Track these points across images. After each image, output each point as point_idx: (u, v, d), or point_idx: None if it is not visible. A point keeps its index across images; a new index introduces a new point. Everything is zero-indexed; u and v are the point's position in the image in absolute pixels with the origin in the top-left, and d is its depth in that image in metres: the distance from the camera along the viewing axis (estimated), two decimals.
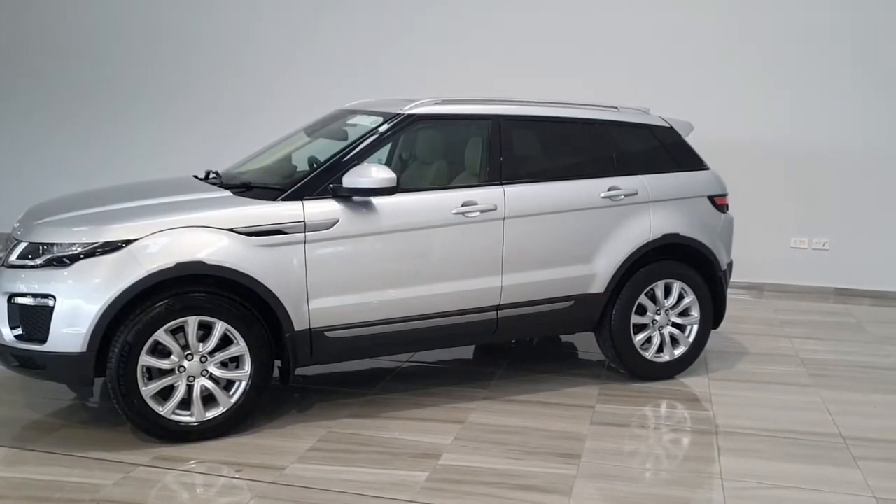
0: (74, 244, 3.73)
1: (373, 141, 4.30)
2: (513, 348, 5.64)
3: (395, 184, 4.05)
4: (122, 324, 3.70)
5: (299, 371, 4.81)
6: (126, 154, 8.98)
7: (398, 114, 4.41)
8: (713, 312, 5.09)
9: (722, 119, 7.46)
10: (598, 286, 4.71)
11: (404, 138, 4.63)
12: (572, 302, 4.66)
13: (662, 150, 5.03)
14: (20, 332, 3.74)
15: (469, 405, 4.48)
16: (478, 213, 4.36)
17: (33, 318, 3.70)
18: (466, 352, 5.52)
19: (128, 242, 3.72)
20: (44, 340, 3.66)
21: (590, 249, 4.68)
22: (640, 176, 4.86)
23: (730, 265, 5.26)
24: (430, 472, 3.63)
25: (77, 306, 3.64)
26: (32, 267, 3.75)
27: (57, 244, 3.76)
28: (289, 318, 3.97)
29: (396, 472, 3.62)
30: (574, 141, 4.83)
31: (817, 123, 7.51)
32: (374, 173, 4.03)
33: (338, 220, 4.05)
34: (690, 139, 5.21)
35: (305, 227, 3.99)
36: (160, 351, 3.79)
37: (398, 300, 4.22)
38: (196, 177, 4.72)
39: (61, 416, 4.20)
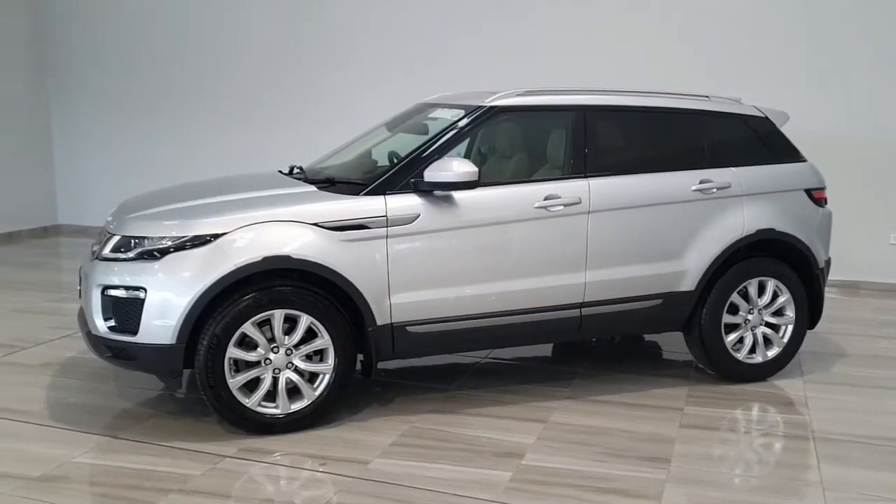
0: (165, 238, 3.80)
1: (454, 134, 4.25)
2: (594, 347, 5.51)
3: (476, 177, 3.98)
4: (210, 316, 3.75)
5: (379, 365, 4.82)
6: (213, 151, 9.18)
7: (480, 106, 4.35)
8: (809, 312, 4.85)
9: (817, 109, 7.11)
10: (688, 284, 4.54)
11: (486, 131, 4.55)
12: (660, 300, 4.51)
13: (757, 141, 4.81)
14: (113, 324, 3.83)
15: (551, 404, 4.38)
16: (561, 207, 4.25)
17: (125, 310, 3.79)
18: (545, 349, 5.41)
19: (216, 236, 3.77)
20: (135, 332, 3.75)
21: (679, 245, 4.52)
22: (733, 168, 4.66)
23: (828, 262, 5.00)
24: (514, 471, 3.56)
25: (167, 299, 3.71)
26: (124, 260, 3.85)
27: (148, 238, 3.83)
28: (371, 312, 3.95)
29: (480, 471, 3.56)
30: (663, 132, 4.67)
31: None
32: (455, 167, 3.97)
33: (419, 215, 4.02)
34: (785, 130, 4.97)
35: (388, 222, 3.97)
36: (247, 343, 3.83)
37: (479, 296, 4.16)
38: (281, 172, 4.76)
39: (150, 406, 4.30)
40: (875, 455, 3.81)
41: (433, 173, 3.99)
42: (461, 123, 4.30)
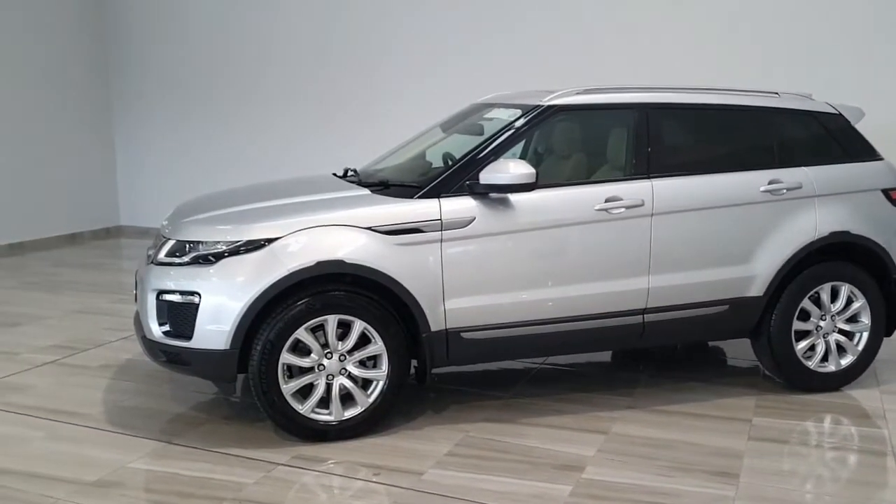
0: (219, 242, 3.77)
1: (510, 135, 4.13)
2: (655, 353, 5.32)
3: (534, 179, 3.85)
4: (264, 321, 3.70)
5: (433, 371, 4.73)
6: (273, 152, 9.21)
7: (537, 105, 4.21)
8: (886, 319, 4.59)
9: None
10: (757, 289, 4.33)
11: (543, 131, 4.41)
12: (727, 306, 4.31)
13: (829, 139, 4.57)
14: (167, 329, 3.82)
15: (612, 414, 4.23)
16: (622, 210, 4.09)
17: (180, 315, 3.77)
18: (605, 354, 5.24)
19: (270, 241, 3.72)
20: (189, 337, 3.72)
21: (747, 249, 4.31)
22: (804, 168, 4.44)
23: None
24: (574, 485, 3.42)
25: (221, 304, 3.68)
26: (179, 264, 3.83)
27: (202, 242, 3.81)
28: (425, 317, 3.86)
29: (538, 484, 3.44)
30: (730, 130, 4.47)
31: None
32: (511, 169, 3.85)
33: (474, 218, 3.91)
34: (861, 127, 4.71)
35: (442, 226, 3.87)
36: (300, 349, 3.78)
37: (537, 301, 4.03)
38: (335, 175, 4.70)
39: (205, 411, 4.28)
40: None
41: (489, 175, 3.88)
42: (518, 124, 4.17)
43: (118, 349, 5.32)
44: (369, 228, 3.80)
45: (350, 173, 4.66)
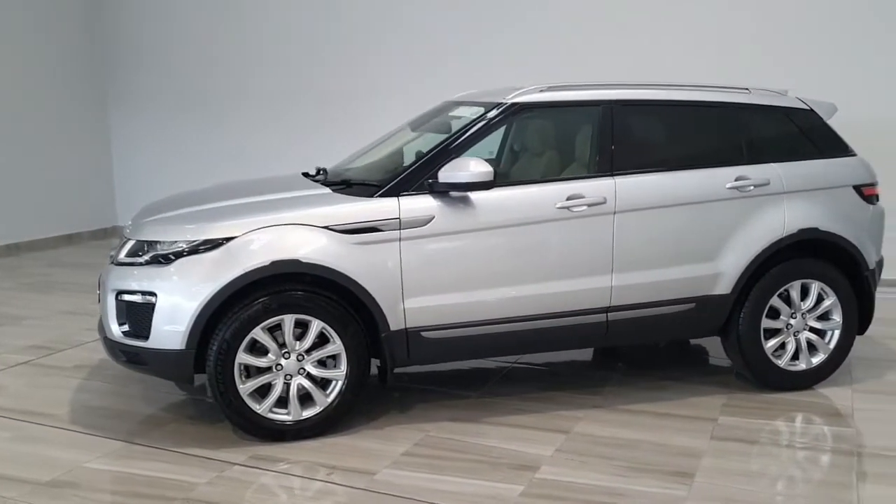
0: (176, 242, 3.77)
1: (472, 133, 4.11)
2: (636, 351, 5.28)
3: (491, 178, 3.84)
4: (220, 321, 3.70)
5: (402, 370, 4.73)
6: (268, 152, 9.21)
7: (500, 103, 4.19)
8: (859, 316, 4.53)
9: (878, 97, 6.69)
10: (724, 287, 4.29)
11: (507, 129, 4.39)
12: (693, 304, 4.27)
13: (801, 135, 4.52)
14: (126, 329, 3.83)
15: (577, 413, 4.20)
16: (584, 208, 4.06)
17: (137, 315, 3.78)
18: (584, 354, 5.21)
19: (226, 241, 3.72)
20: (147, 337, 3.73)
21: (714, 246, 4.27)
22: (773, 164, 4.39)
23: (880, 263, 4.66)
24: (526, 485, 3.40)
25: (177, 304, 3.68)
26: (138, 264, 3.84)
27: (160, 242, 3.82)
28: (384, 317, 3.85)
29: (490, 485, 3.42)
30: (696, 127, 4.43)
31: None
32: (470, 167, 3.83)
33: (433, 217, 3.89)
34: (838, 123, 4.65)
35: (400, 225, 3.86)
36: (258, 349, 3.78)
37: (498, 300, 4.01)
38: (305, 174, 4.69)
39: (172, 411, 4.29)
40: None
41: (447, 174, 3.87)
42: (479, 122, 4.15)
43: (94, 350, 5.33)
44: (326, 227, 3.79)
45: (320, 172, 4.65)
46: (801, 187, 4.40)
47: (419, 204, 3.91)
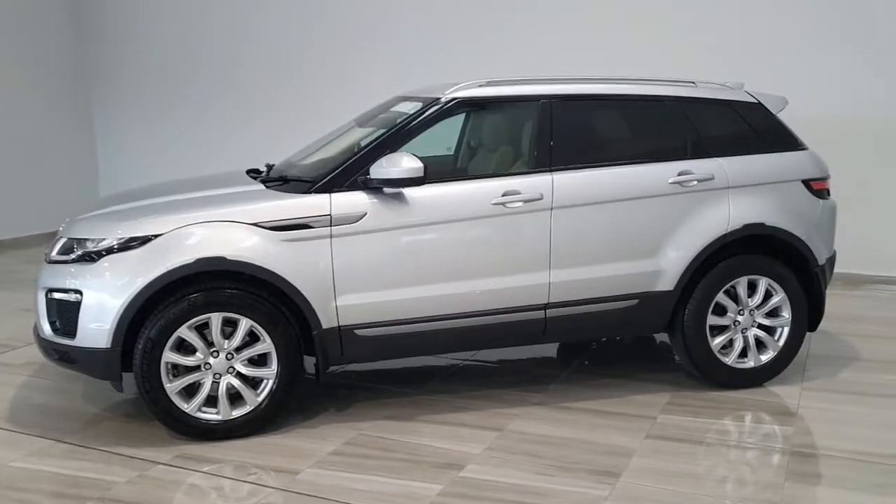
0: (104, 239, 3.74)
1: (406, 129, 4.05)
2: (598, 347, 5.21)
3: (422, 174, 3.79)
4: (147, 320, 3.67)
5: (349, 368, 4.70)
6: (256, 150, 9.13)
7: (437, 99, 4.14)
8: (809, 313, 4.45)
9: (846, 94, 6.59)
10: (667, 283, 4.22)
11: (445, 125, 4.32)
12: (636, 301, 4.21)
13: (748, 129, 4.44)
14: (56, 327, 3.81)
15: (515, 411, 4.15)
16: (520, 204, 4.01)
17: (65, 313, 3.76)
18: (541, 349, 5.12)
19: (152, 238, 3.69)
20: (74, 335, 3.71)
21: (656, 242, 4.21)
22: (718, 159, 4.32)
23: (830, 259, 4.59)
24: (446, 484, 3.36)
25: (102, 302, 3.66)
26: (67, 262, 3.81)
27: (89, 239, 3.79)
28: (315, 315, 3.81)
29: (411, 484, 3.38)
30: (639, 122, 4.37)
31: None
32: (401, 163, 3.78)
33: (366, 213, 3.85)
34: (804, 117, 4.57)
35: (332, 221, 3.81)
36: (186, 347, 3.74)
37: (434, 297, 3.96)
38: (251, 170, 4.65)
39: (112, 409, 4.27)
40: (858, 474, 3.45)
41: (378, 170, 3.82)
42: (416, 117, 4.10)
43: None
44: (255, 224, 3.76)
45: (267, 168, 4.62)
46: (747, 182, 4.32)
47: (351, 200, 3.86)
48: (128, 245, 3.69)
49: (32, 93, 9.42)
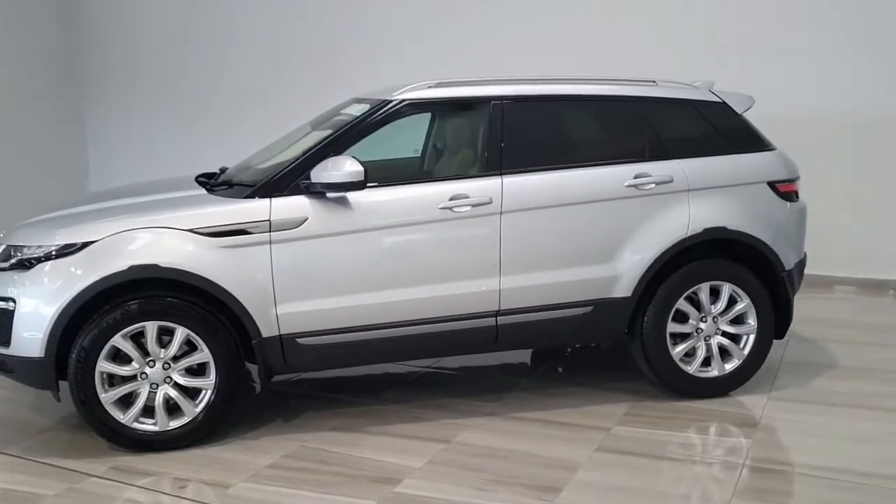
0: (37, 247, 3.67)
1: (352, 132, 3.95)
2: (569, 354, 5.07)
3: (362, 178, 3.68)
4: (81, 329, 3.59)
5: (304, 376, 4.61)
6: (243, 148, 9.06)
7: (385, 101, 4.03)
8: (776, 320, 4.30)
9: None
10: (624, 289, 4.08)
11: (394, 127, 4.21)
12: (591, 307, 4.08)
13: (711, 129, 4.29)
14: None
15: (467, 421, 4.03)
16: (468, 208, 3.89)
17: (0, 321, 3.68)
18: (509, 356, 4.96)
19: (86, 245, 3.61)
20: (8, 344, 3.63)
21: (611, 247, 4.07)
22: (677, 161, 4.17)
23: (799, 264, 4.43)
24: (379, 500, 3.24)
25: (35, 310, 3.58)
26: (4, 269, 3.74)
27: (25, 246, 3.72)
28: (255, 323, 3.71)
29: (343, 499, 3.27)
30: (594, 123, 4.24)
31: None
32: (340, 166, 3.68)
33: (307, 219, 3.74)
34: (784, 116, 4.43)
35: (271, 227, 3.71)
36: (122, 357, 3.66)
37: (379, 305, 3.85)
38: (203, 174, 4.56)
39: (56, 419, 4.19)
40: (808, 489, 3.31)
41: (318, 174, 3.72)
42: (363, 119, 3.99)
43: None
44: (191, 230, 3.66)
45: (219, 172, 4.53)
46: (709, 184, 4.18)
47: (292, 205, 3.76)
48: (63, 252, 3.61)
49: (23, 96, 9.34)
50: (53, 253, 3.62)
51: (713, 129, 4.29)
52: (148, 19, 9.52)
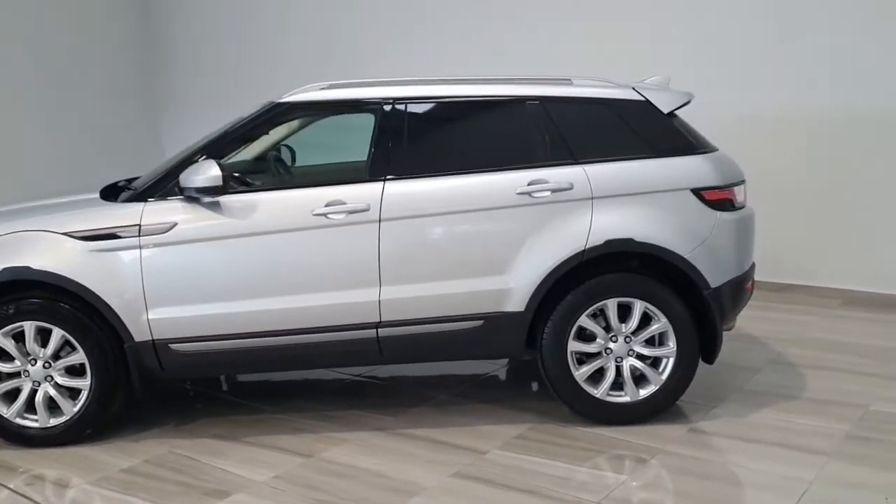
0: None
1: (234, 135, 3.91)
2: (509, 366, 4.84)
3: (220, 183, 3.62)
4: None
5: (221, 378, 4.63)
6: None
7: (271, 102, 3.95)
8: (700, 344, 3.87)
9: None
10: (516, 304, 3.80)
11: (280, 130, 4.13)
12: (481, 322, 3.82)
13: (628, 130, 3.91)
14: None
15: (346, 435, 3.89)
16: (343, 215, 3.74)
17: None
18: (451, 367, 4.73)
19: None
20: None
21: (501, 259, 3.79)
22: (581, 166, 3.83)
23: (733, 282, 3.94)
24: None
25: None
26: None
27: None
28: (125, 327, 3.74)
29: None
30: (490, 126, 3.96)
31: None
32: (205, 171, 3.64)
33: (175, 224, 3.73)
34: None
35: (140, 231, 3.72)
36: (4, 354, 3.79)
37: (252, 313, 3.78)
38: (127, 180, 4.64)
39: None
40: None
41: (185, 178, 3.69)
42: (247, 122, 3.94)
43: None
44: (66, 234, 3.74)
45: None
46: (618, 191, 3.81)
47: (162, 209, 3.76)
48: None
49: (99, 101, 9.82)
50: None
51: (631, 130, 3.90)
52: (218, 21, 9.77)
